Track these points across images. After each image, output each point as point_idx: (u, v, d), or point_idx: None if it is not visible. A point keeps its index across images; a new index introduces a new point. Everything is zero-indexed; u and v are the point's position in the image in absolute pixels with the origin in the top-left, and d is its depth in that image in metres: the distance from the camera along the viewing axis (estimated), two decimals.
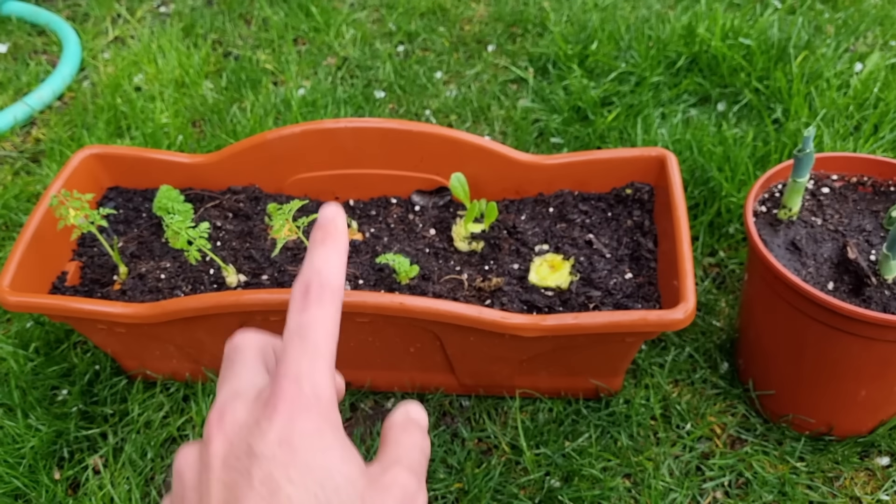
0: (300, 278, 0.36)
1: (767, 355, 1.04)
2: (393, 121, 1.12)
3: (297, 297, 0.36)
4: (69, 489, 1.04)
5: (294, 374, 0.34)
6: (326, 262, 0.37)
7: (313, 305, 0.35)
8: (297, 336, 0.35)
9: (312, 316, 0.35)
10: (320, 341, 0.35)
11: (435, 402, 1.10)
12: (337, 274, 0.37)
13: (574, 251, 1.05)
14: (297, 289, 0.36)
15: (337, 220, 0.38)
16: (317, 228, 0.38)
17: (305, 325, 0.35)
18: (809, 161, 0.97)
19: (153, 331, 1.00)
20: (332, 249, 0.37)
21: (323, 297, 0.36)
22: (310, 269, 0.36)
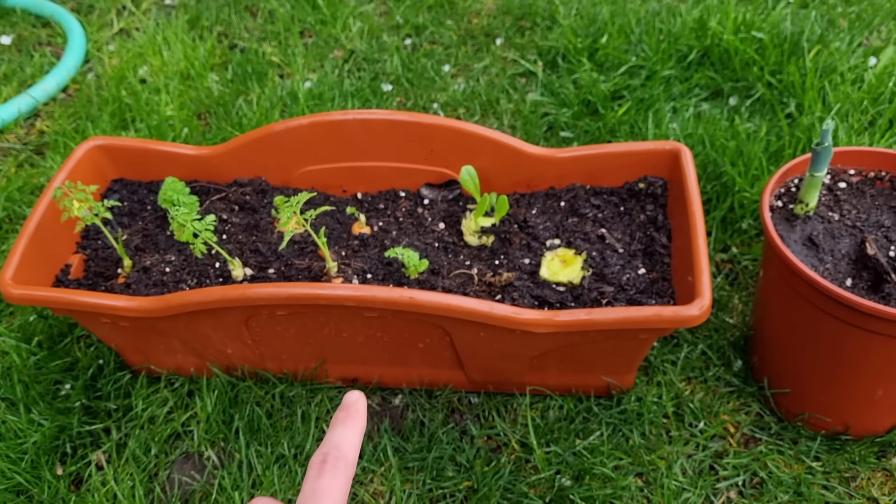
0: (320, 449, 0.42)
1: (783, 353, 1.02)
2: (402, 113, 1.10)
3: (314, 465, 0.41)
4: (72, 485, 1.03)
5: None
6: (344, 438, 0.43)
7: (328, 474, 0.40)
8: (310, 500, 0.39)
9: (325, 484, 0.40)
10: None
11: (443, 399, 1.08)
12: (353, 450, 0.42)
13: (586, 246, 1.03)
14: (316, 458, 0.41)
15: (359, 403, 0.45)
16: (341, 409, 0.45)
17: (318, 490, 0.40)
18: (828, 155, 0.95)
19: (158, 325, 0.98)
20: (352, 429, 0.43)
21: (337, 468, 0.41)
22: (329, 443, 0.42)
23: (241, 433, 1.04)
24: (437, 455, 1.02)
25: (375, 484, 1.01)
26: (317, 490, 0.40)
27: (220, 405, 1.07)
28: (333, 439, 0.42)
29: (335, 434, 0.43)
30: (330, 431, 0.43)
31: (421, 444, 1.03)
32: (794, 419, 1.03)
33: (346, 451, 0.42)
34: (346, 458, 0.42)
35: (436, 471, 1.01)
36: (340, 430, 0.43)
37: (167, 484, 1.02)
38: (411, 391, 1.09)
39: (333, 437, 0.43)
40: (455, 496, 0.99)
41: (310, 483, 0.40)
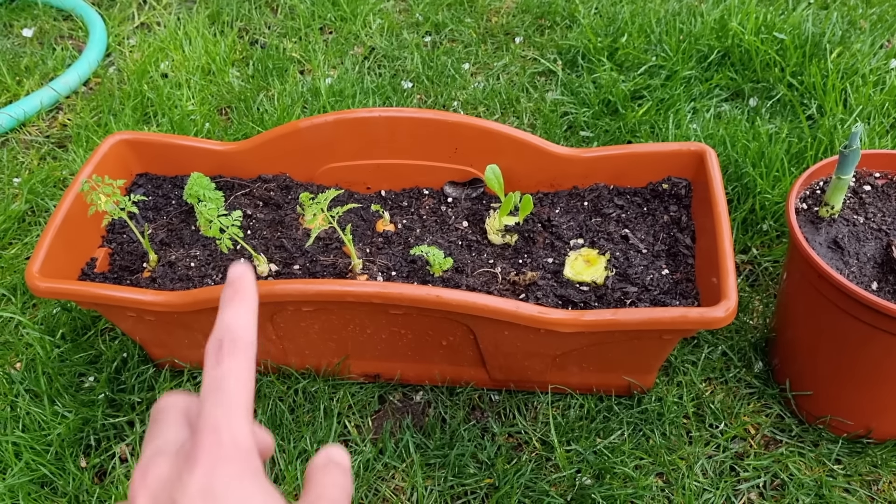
0: (213, 336, 0.38)
1: (806, 355, 1.02)
2: (427, 111, 1.10)
3: (210, 354, 0.37)
4: (95, 477, 1.04)
5: (212, 426, 0.35)
6: (236, 317, 0.38)
7: (226, 359, 0.37)
8: (212, 389, 0.36)
9: (226, 369, 0.36)
10: (235, 392, 0.36)
11: (465, 397, 1.08)
12: (247, 328, 0.38)
13: (610, 246, 1.03)
14: (211, 345, 0.38)
15: (245, 276, 0.40)
16: (227, 286, 0.40)
17: (220, 377, 0.36)
18: (855, 158, 0.95)
19: (183, 319, 0.99)
20: (241, 306, 0.39)
21: (235, 350, 0.37)
22: (221, 326, 0.38)
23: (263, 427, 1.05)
24: (459, 452, 1.02)
25: (397, 480, 1.01)
26: (218, 378, 0.36)
27: None
28: (224, 321, 0.38)
29: (226, 315, 0.39)
30: (219, 313, 0.39)
31: (443, 440, 1.04)
32: (816, 421, 1.03)
33: (240, 332, 0.38)
34: (243, 338, 0.38)
35: (457, 468, 1.01)
36: (231, 312, 0.39)
37: None
38: (433, 388, 1.10)
39: (224, 320, 0.38)
40: (476, 493, 0.99)
41: (209, 373, 0.37)
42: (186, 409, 0.40)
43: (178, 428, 0.39)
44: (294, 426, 1.06)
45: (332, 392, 1.09)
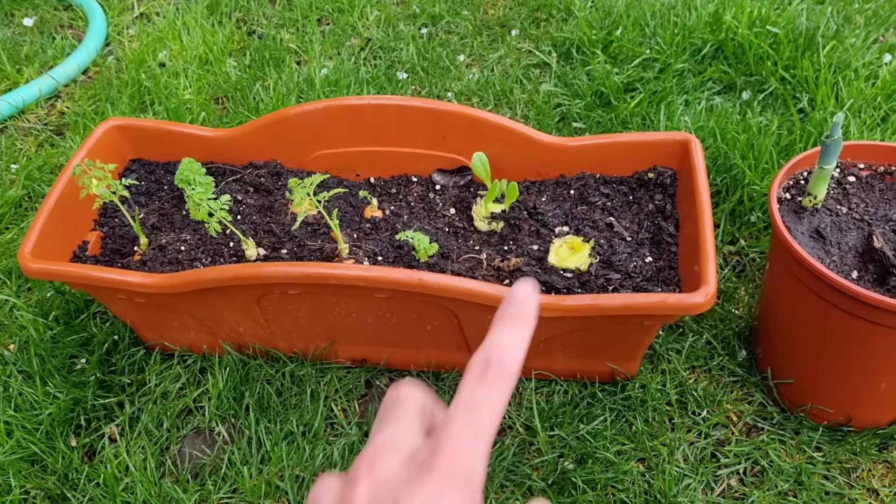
0: (483, 351, 0.36)
1: (788, 344, 1.03)
2: (416, 99, 1.11)
3: (475, 370, 0.36)
4: (85, 456, 1.05)
5: (454, 448, 0.34)
6: (511, 342, 0.36)
7: (490, 383, 0.35)
8: (467, 408, 0.35)
9: (487, 393, 0.35)
10: (487, 421, 0.35)
11: (451, 382, 1.10)
12: (518, 357, 0.37)
13: (594, 233, 1.04)
14: (478, 361, 0.36)
15: (529, 300, 0.38)
16: (508, 304, 0.38)
17: (478, 399, 0.35)
18: (837, 148, 0.95)
19: (172, 301, 1.00)
20: (520, 331, 0.37)
21: (501, 377, 0.35)
22: (495, 346, 0.36)
23: (251, 410, 1.07)
24: None
25: None
26: (476, 400, 0.35)
27: (232, 382, 1.09)
28: (500, 342, 0.36)
29: (502, 335, 0.36)
30: (495, 329, 0.37)
31: None
32: (797, 410, 1.04)
33: (511, 359, 0.36)
34: (511, 367, 0.36)
35: None
36: (508, 334, 0.36)
37: (178, 458, 1.04)
38: (419, 373, 1.11)
39: (500, 340, 0.36)
40: None
41: (468, 390, 0.35)
42: (424, 408, 0.39)
43: (415, 427, 0.38)
44: (281, 409, 1.07)
45: (319, 376, 1.11)
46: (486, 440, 0.34)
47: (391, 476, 0.34)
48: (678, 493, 0.97)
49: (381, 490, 0.34)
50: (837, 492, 0.97)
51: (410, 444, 0.36)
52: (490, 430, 0.35)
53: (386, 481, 0.34)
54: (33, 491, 1.01)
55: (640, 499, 0.97)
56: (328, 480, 0.37)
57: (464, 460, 0.33)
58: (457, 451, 0.33)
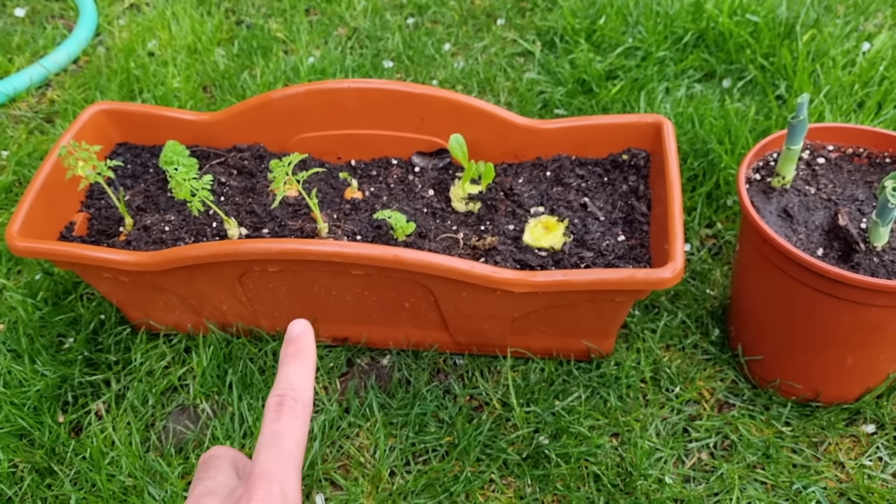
0: (275, 391, 0.41)
1: (757, 321, 1.05)
2: (396, 82, 1.13)
3: (271, 408, 0.40)
4: (72, 431, 1.08)
5: (266, 475, 0.37)
6: (298, 377, 0.42)
7: (286, 417, 0.40)
8: (269, 443, 0.39)
9: (285, 426, 0.39)
10: (291, 448, 0.39)
11: (429, 360, 1.12)
12: (308, 388, 0.42)
13: (569, 213, 1.06)
14: (273, 401, 0.40)
15: (305, 335, 0.44)
16: (288, 343, 0.43)
17: (278, 433, 0.39)
18: (803, 128, 0.98)
19: (156, 280, 1.03)
20: (303, 365, 0.42)
21: (295, 409, 0.40)
22: (284, 383, 0.41)
23: (234, 387, 1.09)
24: (421, 411, 1.06)
25: (361, 438, 1.05)
26: (277, 432, 0.39)
27: (216, 360, 1.12)
28: (287, 379, 0.42)
29: (288, 373, 0.42)
30: (281, 369, 0.42)
31: (406, 400, 1.07)
32: (767, 386, 1.07)
33: (301, 392, 0.41)
34: (303, 398, 0.41)
35: (419, 426, 1.05)
36: (293, 369, 0.42)
37: (163, 433, 1.07)
38: (399, 352, 1.14)
39: (287, 377, 0.42)
40: (437, 450, 1.03)
41: (269, 426, 0.40)
42: (235, 461, 0.44)
43: (229, 475, 0.42)
44: (263, 386, 1.09)
45: None
46: (295, 465, 0.38)
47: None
48: (650, 465, 1.00)
49: None
50: (804, 464, 1.00)
51: (227, 488, 0.40)
52: (297, 456, 0.39)
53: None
54: (21, 464, 1.03)
55: (613, 471, 1.00)
56: None
57: (275, 485, 0.37)
58: (269, 478, 0.37)
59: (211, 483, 0.41)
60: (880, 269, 0.91)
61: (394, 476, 1.01)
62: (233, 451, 0.45)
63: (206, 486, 0.41)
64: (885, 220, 0.90)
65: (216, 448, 0.45)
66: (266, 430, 0.40)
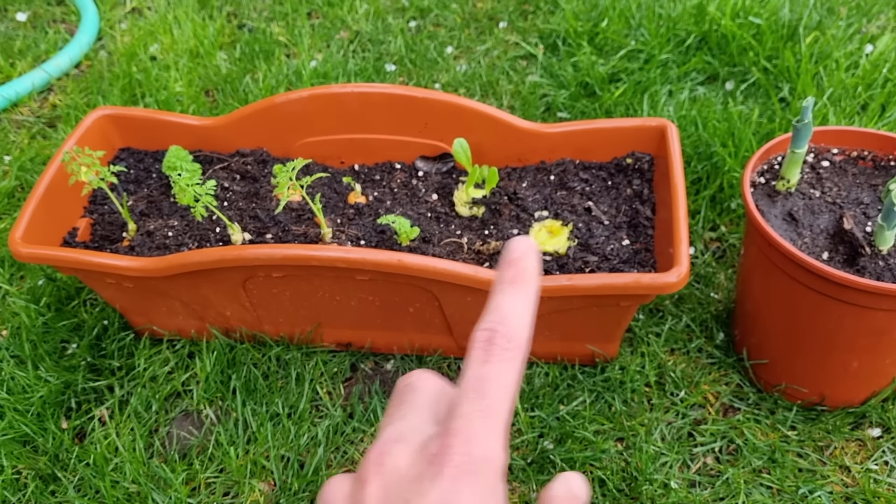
0: (485, 322, 0.33)
1: (762, 325, 1.05)
2: (399, 87, 1.13)
3: (479, 345, 0.32)
4: (75, 438, 1.07)
5: (466, 433, 0.31)
6: (513, 308, 0.33)
7: (495, 358, 0.32)
8: (474, 390, 0.32)
9: (494, 370, 0.32)
10: (498, 400, 0.32)
11: (433, 365, 1.12)
12: (525, 325, 0.33)
13: (573, 218, 1.06)
14: (481, 335, 0.33)
15: (527, 257, 0.34)
16: (506, 265, 0.34)
17: (485, 378, 0.32)
18: (808, 131, 0.97)
19: (160, 286, 1.03)
20: (522, 294, 0.34)
21: (507, 350, 0.32)
22: (496, 315, 0.33)
23: (237, 392, 1.09)
24: None
25: (366, 443, 1.05)
26: (483, 378, 0.32)
27: (219, 366, 1.11)
28: (501, 309, 0.33)
29: (503, 302, 0.33)
30: (495, 296, 0.34)
31: None
32: (772, 390, 1.07)
33: (516, 328, 0.33)
34: (517, 336, 0.33)
35: None
36: (509, 299, 0.33)
37: (166, 439, 1.07)
38: (403, 356, 1.13)
39: (501, 307, 0.33)
40: None
41: (473, 367, 0.32)
42: (437, 397, 0.36)
43: (426, 417, 0.35)
44: (267, 391, 1.09)
45: (305, 359, 1.13)
46: (501, 421, 0.31)
47: (401, 472, 0.32)
48: (655, 470, 0.99)
49: (391, 490, 0.31)
50: (810, 469, 1.00)
51: (421, 435, 0.33)
52: (504, 410, 0.32)
53: (396, 478, 0.32)
54: (25, 471, 1.03)
55: (618, 476, 0.99)
56: (337, 481, 0.34)
57: (478, 447, 0.31)
58: (469, 437, 0.31)
59: (402, 425, 0.34)
60: (886, 272, 0.91)
61: None
62: (436, 380, 0.37)
63: (397, 429, 0.34)
64: (890, 223, 0.90)
65: (417, 374, 0.37)
66: (470, 372, 0.32)
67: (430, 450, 0.31)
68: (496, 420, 0.31)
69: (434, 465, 0.30)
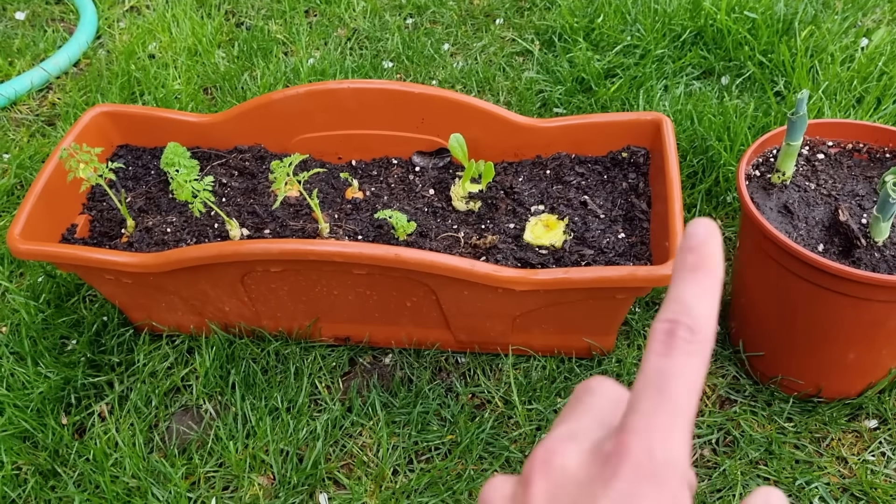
0: (665, 313, 0.30)
1: (759, 317, 1.06)
2: (395, 82, 1.14)
3: (659, 337, 0.29)
4: (75, 433, 1.08)
5: (645, 432, 0.28)
6: (697, 298, 0.30)
7: (678, 352, 0.29)
8: (654, 386, 0.28)
9: (676, 365, 0.29)
10: (682, 397, 0.28)
11: (431, 358, 1.12)
12: (710, 317, 0.30)
13: (569, 211, 1.07)
14: (661, 327, 0.30)
15: (710, 242, 0.31)
16: (686, 250, 0.31)
17: (666, 374, 0.29)
18: (802, 124, 0.98)
19: (159, 281, 1.03)
20: (706, 283, 0.30)
21: (691, 343, 0.29)
22: (679, 305, 0.30)
23: (237, 387, 1.09)
24: (423, 410, 1.06)
25: (364, 437, 1.05)
26: (664, 373, 0.29)
27: (218, 361, 1.12)
28: (684, 299, 0.30)
29: (685, 292, 0.30)
30: (676, 284, 0.31)
31: (408, 399, 1.08)
32: (769, 382, 1.07)
33: (700, 319, 0.29)
34: (703, 328, 0.29)
35: (421, 425, 1.05)
36: (692, 288, 0.30)
37: (166, 434, 1.07)
38: (401, 350, 1.14)
39: (683, 297, 0.30)
40: (439, 449, 1.03)
41: (653, 361, 0.29)
42: (616, 402, 0.34)
43: (602, 419, 0.32)
44: (266, 386, 1.10)
45: (303, 354, 1.13)
46: (685, 421, 0.28)
47: (571, 474, 0.29)
48: None
49: (558, 493, 0.29)
50: (807, 460, 1.00)
51: (595, 434, 0.31)
52: (688, 408, 0.28)
53: (565, 480, 0.29)
54: (25, 467, 1.03)
55: None
56: (498, 481, 0.32)
57: (659, 447, 0.27)
58: (649, 438, 0.28)
59: (575, 425, 0.32)
60: (881, 264, 0.91)
61: (397, 475, 1.01)
62: (616, 386, 0.35)
63: (569, 429, 0.32)
64: (885, 215, 0.91)
65: (596, 380, 0.35)
66: (649, 365, 0.29)
67: (604, 449, 0.29)
68: (680, 419, 0.28)
69: (608, 467, 0.28)
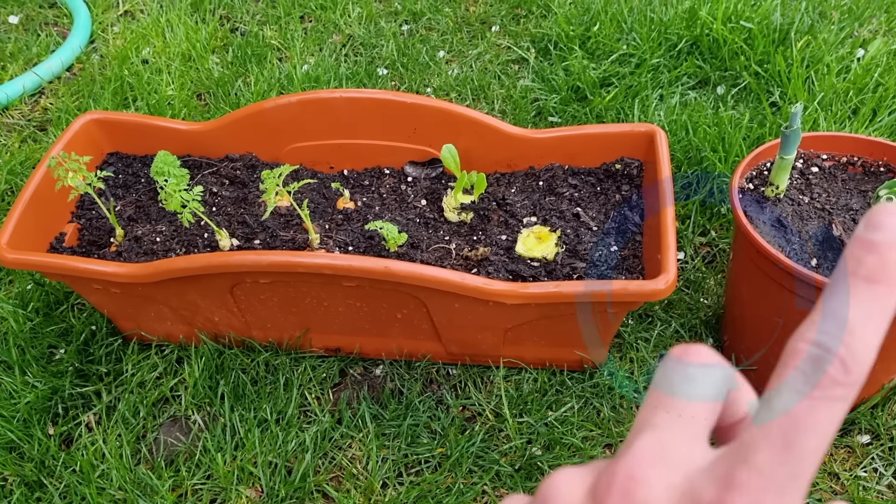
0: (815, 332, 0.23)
1: (751, 331, 1.05)
2: (388, 92, 1.13)
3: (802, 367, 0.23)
4: (62, 444, 1.07)
5: (755, 492, 0.23)
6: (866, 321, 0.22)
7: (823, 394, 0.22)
8: (780, 436, 0.23)
9: (818, 413, 0.22)
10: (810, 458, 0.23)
11: (422, 370, 1.12)
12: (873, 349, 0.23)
13: (561, 223, 1.06)
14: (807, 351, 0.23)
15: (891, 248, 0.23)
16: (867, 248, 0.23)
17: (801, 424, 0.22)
18: (796, 138, 0.97)
19: (147, 291, 1.02)
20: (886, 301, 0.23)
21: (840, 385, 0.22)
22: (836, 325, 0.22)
23: (226, 398, 1.08)
24: (413, 422, 1.05)
25: (353, 449, 1.04)
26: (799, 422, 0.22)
27: (207, 371, 1.11)
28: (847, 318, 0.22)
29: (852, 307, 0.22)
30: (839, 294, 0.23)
31: (398, 411, 1.07)
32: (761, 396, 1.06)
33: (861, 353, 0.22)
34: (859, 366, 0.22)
35: (411, 437, 1.04)
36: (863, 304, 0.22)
37: (154, 445, 1.06)
38: (391, 362, 1.13)
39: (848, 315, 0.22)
40: (429, 462, 1.03)
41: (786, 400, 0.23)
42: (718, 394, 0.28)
43: (702, 430, 0.26)
44: (255, 397, 1.09)
45: (293, 365, 1.13)
46: (803, 485, 0.23)
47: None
48: None
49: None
50: None
51: (691, 463, 0.25)
52: (813, 471, 0.23)
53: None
54: (10, 477, 1.02)
55: None
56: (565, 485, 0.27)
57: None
58: (758, 500, 0.23)
59: (669, 438, 0.26)
60: None
61: (386, 488, 1.00)
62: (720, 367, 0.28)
63: (659, 443, 0.26)
64: None
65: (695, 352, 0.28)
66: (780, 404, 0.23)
67: (700, 498, 0.23)
68: (799, 482, 0.23)
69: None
